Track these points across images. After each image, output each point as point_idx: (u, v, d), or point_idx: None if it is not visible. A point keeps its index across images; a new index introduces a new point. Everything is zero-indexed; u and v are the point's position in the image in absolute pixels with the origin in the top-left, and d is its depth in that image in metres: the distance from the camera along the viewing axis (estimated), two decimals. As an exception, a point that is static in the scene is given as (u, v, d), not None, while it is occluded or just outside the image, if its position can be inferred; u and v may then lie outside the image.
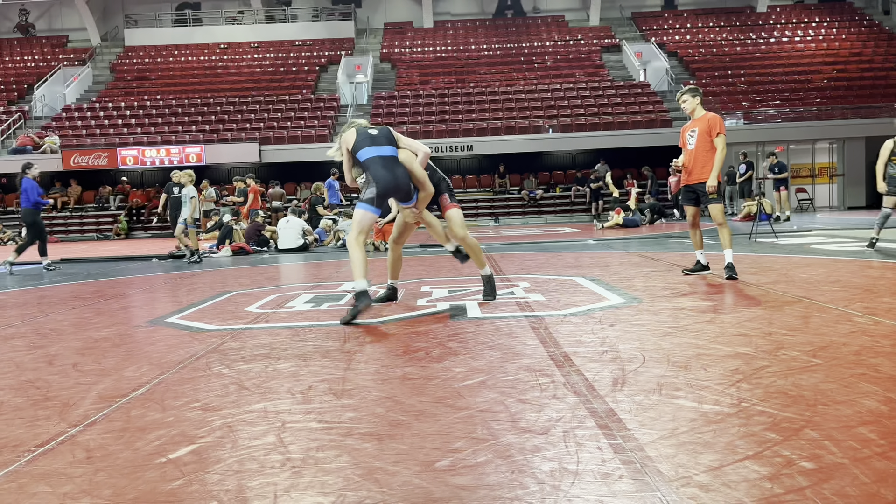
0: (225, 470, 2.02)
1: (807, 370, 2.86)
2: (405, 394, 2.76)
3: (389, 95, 25.49)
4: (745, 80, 25.41)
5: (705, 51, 27.87)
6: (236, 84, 26.87)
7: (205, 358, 3.57)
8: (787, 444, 2.06)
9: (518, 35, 29.92)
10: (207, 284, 7.43)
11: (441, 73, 27.25)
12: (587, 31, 30.08)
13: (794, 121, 22.68)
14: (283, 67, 28.15)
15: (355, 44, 29.84)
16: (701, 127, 6.06)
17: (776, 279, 5.73)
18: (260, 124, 23.70)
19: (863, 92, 24.10)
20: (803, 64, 26.50)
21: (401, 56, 28.76)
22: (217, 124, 23.83)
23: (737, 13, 30.66)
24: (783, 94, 24.32)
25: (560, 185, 23.50)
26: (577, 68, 27.05)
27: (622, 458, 2.01)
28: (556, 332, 3.86)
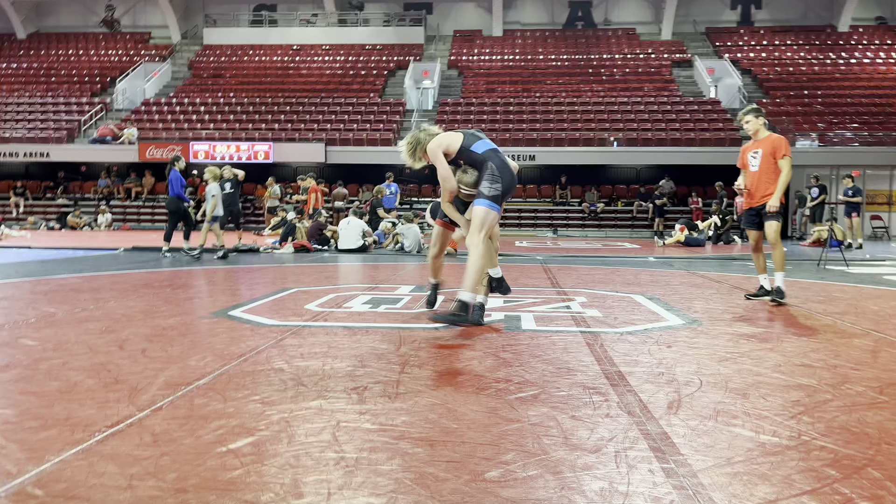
0: (282, 463, 2.09)
1: (873, 406, 2.76)
2: (457, 401, 2.79)
3: (455, 102, 25.64)
4: (821, 101, 24.58)
5: (781, 69, 27.09)
6: (306, 85, 27.48)
7: (265, 352, 3.68)
8: (848, 482, 2.00)
9: (587, 46, 29.69)
10: (269, 280, 7.63)
11: (507, 81, 27.27)
12: (658, 44, 29.63)
13: (871, 145, 21.82)
14: (353, 70, 28.64)
15: (424, 50, 30.13)
16: (765, 148, 5.89)
17: (844, 309, 5.54)
18: (327, 125, 24.18)
19: (948, 118, 23.00)
20: (884, 87, 25.47)
21: (468, 63, 28.91)
22: (286, 123, 24.42)
23: (816, 32, 29.70)
24: (862, 117, 23.42)
25: (622, 199, 23.19)
26: (646, 82, 26.67)
27: (674, 482, 1.99)
28: (612, 350, 3.83)
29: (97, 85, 28.13)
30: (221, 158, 22.97)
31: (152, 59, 29.78)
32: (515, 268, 9.23)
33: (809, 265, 10.27)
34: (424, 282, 7.39)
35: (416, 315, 5.07)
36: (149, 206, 23.57)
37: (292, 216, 13.32)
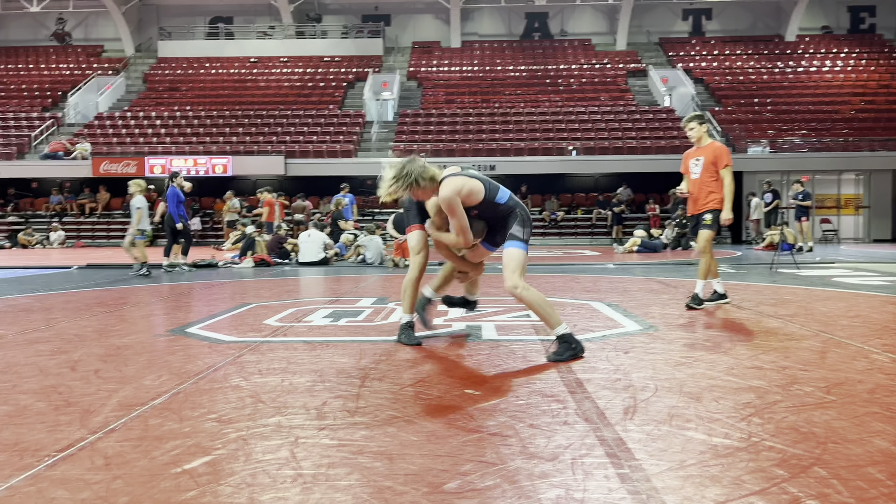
0: (238, 483, 2.07)
1: (820, 407, 2.85)
2: (417, 414, 2.79)
3: (415, 113, 25.71)
4: (771, 109, 25.30)
5: (732, 78, 27.81)
6: (265, 97, 27.28)
7: (223, 370, 3.64)
8: (795, 481, 2.06)
9: (545, 57, 30.08)
10: (228, 295, 7.53)
11: (467, 92, 27.45)
12: (613, 55, 30.17)
13: (820, 151, 22.52)
14: (311, 82, 28.53)
15: (383, 61, 30.17)
16: (707, 156, 6.02)
17: (795, 311, 5.70)
18: (286, 138, 24.02)
19: (890, 124, 23.86)
20: (831, 94, 26.33)
21: (427, 75, 29.03)
22: (244, 136, 24.19)
23: (765, 41, 30.59)
24: (810, 124, 24.16)
25: (582, 207, 23.49)
26: (602, 92, 27.12)
27: (629, 488, 2.02)
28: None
29: (48, 99, 27.51)
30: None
31: (105, 73, 29.23)
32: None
33: (762, 268, 10.54)
34: (386, 293, 7.38)
35: (377, 327, 5.06)
36: (104, 223, 23.07)
37: (251, 230, 13.18)
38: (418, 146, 23.31)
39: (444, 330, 4.91)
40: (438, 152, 23.05)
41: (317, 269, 11.36)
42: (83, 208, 23.46)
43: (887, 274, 9.45)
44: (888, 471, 2.14)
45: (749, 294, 7.04)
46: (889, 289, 7.50)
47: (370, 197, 23.81)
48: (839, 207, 23.35)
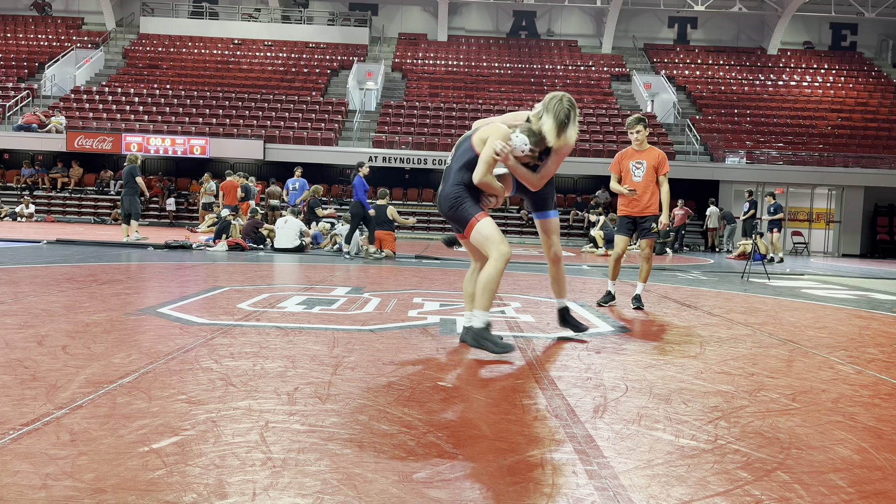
0: (206, 464, 2.06)
1: (785, 413, 2.90)
2: (389, 403, 2.79)
3: (398, 105, 25.63)
4: (750, 120, 25.64)
5: (713, 87, 28.13)
6: (247, 81, 27.00)
7: (194, 351, 3.60)
8: (758, 484, 2.10)
9: (530, 56, 30.15)
10: (201, 278, 7.45)
11: (451, 87, 27.42)
12: (599, 57, 30.34)
13: (795, 164, 22.89)
14: (295, 68, 28.29)
15: (368, 51, 30.02)
16: (649, 161, 6.12)
17: (764, 320, 5.79)
18: (267, 122, 23.80)
19: (865, 142, 24.33)
20: (809, 109, 26.76)
21: (412, 67, 28.94)
22: (224, 118, 23.93)
23: (747, 53, 30.98)
24: (786, 137, 24.54)
25: (560, 208, 23.59)
26: (585, 94, 27.26)
27: (596, 484, 2.05)
28: (543, 355, 3.91)
29: (24, 70, 26.96)
30: (156, 152, 22.33)
31: (84, 46, 28.71)
32: (453, 272, 9.29)
33: (734, 277, 10.69)
34: (361, 283, 7.37)
35: (351, 316, 5.05)
36: (75, 199, 22.68)
37: (226, 213, 13.05)
38: (400, 138, 23.26)
39: (420, 322, 4.91)
40: (420, 145, 23.03)
41: (292, 256, 11.29)
42: (55, 183, 23.05)
43: (854, 288, 9.64)
44: (849, 478, 2.18)
45: (720, 301, 7.14)
46: (855, 302, 7.66)
47: (348, 186, 23.72)
48: (811, 221, 23.77)
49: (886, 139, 24.52)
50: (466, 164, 3.87)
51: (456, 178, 3.88)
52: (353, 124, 24.51)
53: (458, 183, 3.86)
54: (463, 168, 3.87)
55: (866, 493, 2.07)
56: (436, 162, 22.63)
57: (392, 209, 11.82)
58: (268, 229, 13.07)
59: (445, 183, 3.97)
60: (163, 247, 11.60)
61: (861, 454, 2.43)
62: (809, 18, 31.39)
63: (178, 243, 11.94)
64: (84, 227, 18.89)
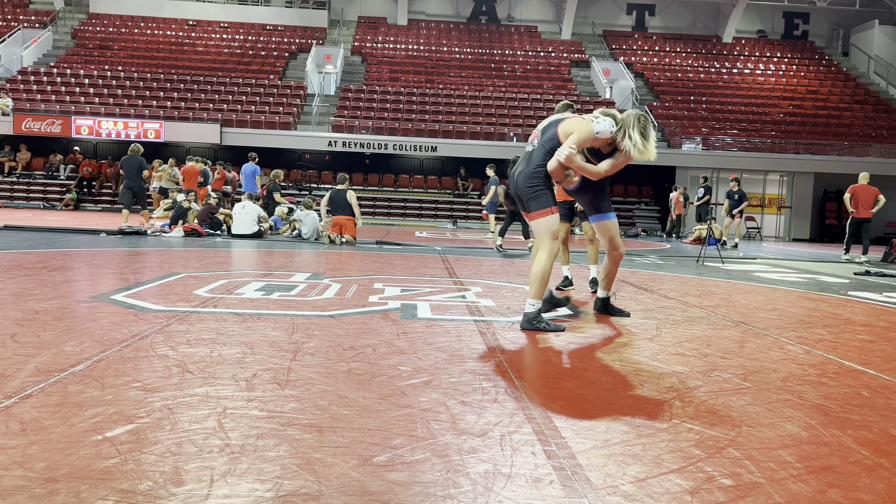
0: (162, 451, 2.03)
1: (737, 392, 2.98)
2: (349, 388, 2.79)
3: (358, 89, 25.39)
4: (705, 107, 26.08)
5: (671, 74, 28.50)
6: (202, 63, 26.40)
7: (149, 338, 3.53)
8: (711, 460, 2.16)
9: (490, 41, 30.12)
10: (156, 264, 7.31)
11: (411, 71, 27.25)
12: (558, 43, 30.46)
13: (748, 151, 23.39)
14: (252, 51, 27.77)
15: (327, 34, 29.62)
16: None
17: (718, 303, 5.93)
18: (223, 106, 23.35)
19: (815, 129, 24.97)
20: (762, 97, 27.32)
21: (372, 51, 28.67)
22: (179, 102, 23.39)
23: (703, 41, 31.44)
24: (741, 124, 25.04)
25: (520, 193, 23.71)
26: (545, 80, 27.37)
27: (554, 464, 2.08)
28: (503, 338, 3.94)
29: (-33, 49, 25.90)
30: (107, 135, 21.74)
31: (31, 25, 27.70)
32: (414, 257, 9.28)
33: (689, 261, 10.91)
34: (321, 269, 7.31)
35: (311, 302, 5.01)
36: (23, 183, 21.97)
37: (182, 198, 12.80)
38: (360, 122, 23.06)
39: (380, 307, 4.90)
40: (381, 130, 22.87)
41: (250, 242, 11.14)
42: (2, 167, 22.29)
43: (804, 271, 9.93)
44: (797, 454, 2.26)
45: (676, 285, 7.28)
46: (804, 285, 7.89)
47: (308, 171, 23.46)
48: (763, 206, 24.36)
49: (836, 127, 25.21)
50: (549, 151, 4.22)
51: (541, 161, 4.23)
52: (312, 108, 24.20)
53: (541, 165, 4.23)
54: (547, 154, 4.23)
55: (813, 468, 2.14)
56: (396, 147, 22.50)
57: (352, 194, 11.73)
58: (224, 214, 12.86)
59: (528, 163, 4.29)
60: (116, 233, 11.33)
61: (809, 431, 2.51)
62: (763, 7, 31.97)
63: (132, 229, 11.67)
64: (33, 212, 18.31)
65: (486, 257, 9.92)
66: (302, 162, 23.63)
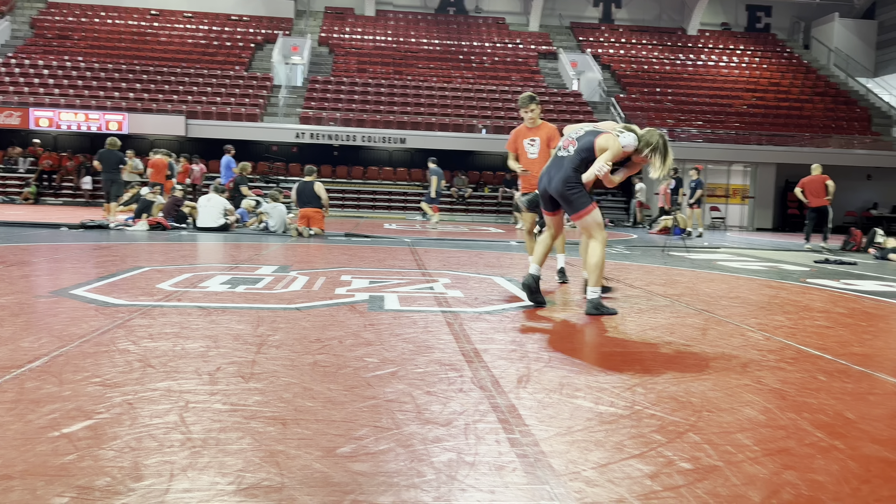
0: (121, 447, 2.00)
1: (698, 378, 3.04)
2: (314, 381, 2.77)
3: (325, 80, 25.17)
4: (671, 99, 26.37)
5: (637, 66, 28.75)
6: (166, 54, 25.93)
7: (110, 333, 3.48)
8: (671, 445, 2.19)
9: (459, 33, 30.06)
10: (119, 258, 7.18)
11: (379, 62, 27.09)
12: (526, 35, 30.52)
13: (713, 142, 23.72)
14: (217, 41, 27.35)
15: (294, 24, 29.29)
16: (542, 137, 6.26)
17: (682, 291, 6.02)
18: (188, 97, 22.96)
19: (777, 120, 25.41)
20: (726, 88, 27.72)
21: (340, 42, 28.43)
22: (142, 93, 22.95)
23: (669, 33, 31.77)
24: (705, 116, 25.38)
25: (489, 185, 23.79)
26: (513, 71, 27.42)
27: (518, 451, 2.09)
28: (470, 329, 3.95)
29: (-82, 38, 25.09)
30: (68, 127, 21.26)
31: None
32: (384, 249, 9.25)
33: (655, 251, 11.05)
34: (288, 262, 7.26)
35: (277, 295, 4.97)
36: (-19, 177, 21.39)
37: (146, 191, 12.58)
38: (328, 114, 22.88)
39: (348, 299, 4.88)
40: (349, 121, 22.72)
41: (216, 235, 11.00)
42: (-42, 160, 21.67)
43: (766, 260, 10.13)
44: (755, 437, 2.31)
45: (641, 274, 7.37)
46: (766, 273, 8.04)
47: (275, 163, 23.22)
48: (727, 196, 24.75)
49: (797, 118, 25.68)
50: (585, 161, 4.60)
51: (576, 166, 4.58)
52: (279, 100, 23.93)
53: (576, 170, 4.58)
54: (582, 162, 4.60)
55: (770, 450, 2.19)
56: (365, 139, 22.38)
57: (320, 186, 11.64)
58: (190, 207, 12.67)
59: (562, 169, 4.63)
60: (78, 227, 11.10)
61: (766, 415, 2.56)
62: (727, 0, 32.39)
63: (94, 223, 11.45)
64: (-9, 207, 17.85)
65: (454, 248, 9.93)
66: (269, 154, 23.38)
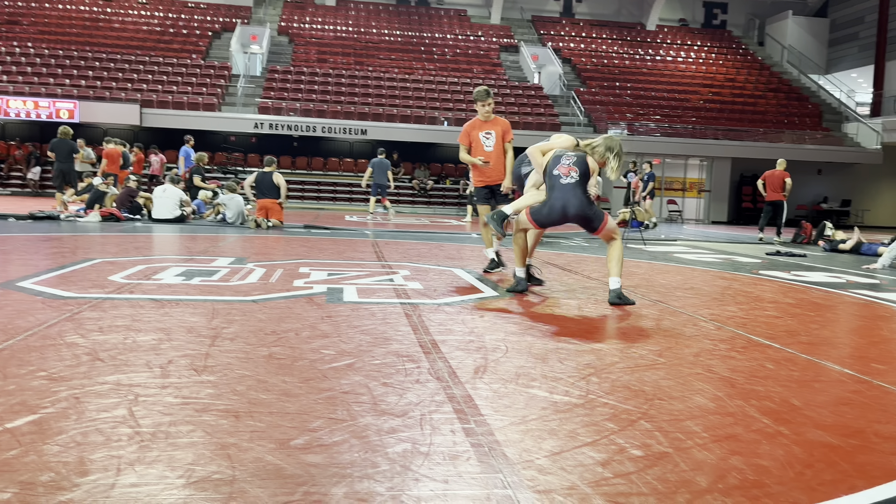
0: (67, 441, 1.95)
1: (651, 368, 3.09)
2: (269, 373, 2.74)
3: (285, 70, 24.83)
4: (630, 93, 26.69)
5: (597, 60, 29.02)
6: (119, 41, 25.26)
7: (58, 326, 3.38)
8: (623, 433, 2.23)
9: (420, 24, 29.94)
10: (69, 249, 6.99)
11: (340, 53, 26.83)
12: (488, 28, 30.55)
13: (671, 136, 24.10)
14: (173, 28, 26.75)
15: (252, 13, 28.80)
16: (497, 130, 6.38)
17: (638, 283, 6.11)
18: (143, 86, 22.43)
19: (733, 116, 25.93)
20: (683, 83, 28.17)
21: (300, 31, 28.07)
22: (94, 81, 22.33)
23: (628, 28, 32.12)
24: (663, 110, 25.76)
25: (451, 177, 23.79)
26: (475, 64, 27.43)
27: (472, 441, 2.10)
28: (429, 320, 3.95)
29: None
30: (16, 115, 20.58)
31: (-71, -4, 25.87)
32: (343, 242, 9.19)
33: (614, 243, 11.19)
34: (245, 254, 7.16)
35: (233, 287, 4.90)
36: (-76, 166, 20.59)
37: (98, 181, 12.27)
38: (287, 104, 22.59)
39: (305, 291, 4.83)
40: (309, 112, 22.47)
41: (172, 227, 10.79)
42: None
43: (720, 252, 10.35)
44: (704, 424, 2.36)
45: (599, 266, 7.46)
46: (720, 265, 8.22)
47: (233, 154, 22.86)
48: (684, 190, 25.20)
49: (751, 114, 26.25)
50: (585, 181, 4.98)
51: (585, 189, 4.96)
52: (238, 89, 23.53)
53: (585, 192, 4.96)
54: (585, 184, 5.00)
55: (718, 436, 2.24)
56: (326, 130, 22.16)
57: (279, 177, 11.50)
58: (144, 198, 12.40)
59: (577, 195, 4.88)
60: (27, 218, 10.78)
61: (716, 402, 2.62)
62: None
63: (44, 214, 11.13)
64: (-66, 197, 17.21)
65: (415, 241, 9.92)
66: (227, 144, 23.00)
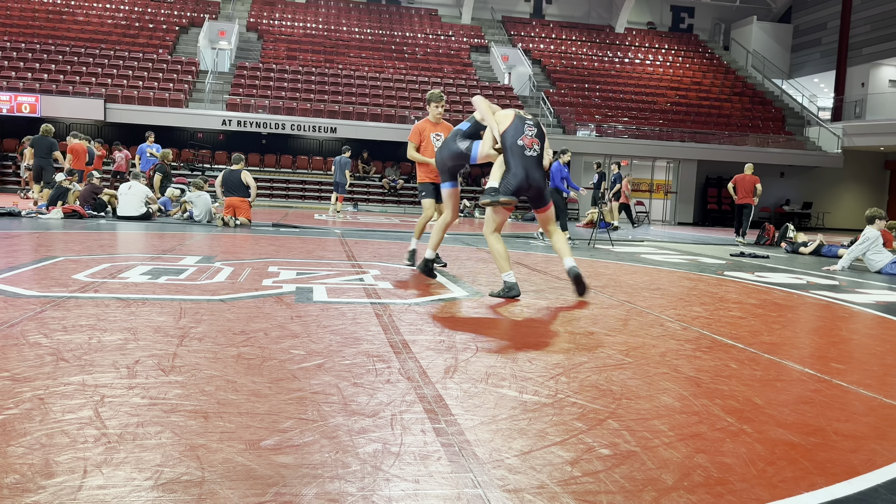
0: (31, 443, 1.92)
1: (619, 367, 3.14)
2: (238, 373, 2.72)
3: (253, 66, 24.58)
4: (599, 95, 26.97)
5: (566, 62, 29.26)
6: (83, 34, 24.76)
7: (20, 326, 3.32)
8: (591, 432, 2.26)
9: (391, 23, 29.87)
10: (31, 247, 6.85)
11: (310, 50, 26.65)
12: (458, 28, 30.60)
13: (638, 138, 24.41)
14: (139, 22, 26.30)
15: (221, 8, 28.45)
16: (445, 133, 6.55)
17: (605, 283, 6.19)
18: (107, 80, 22.01)
19: (699, 118, 26.36)
20: (651, 86, 28.54)
21: (269, 27, 27.81)
22: (57, 74, 21.85)
23: (597, 30, 32.45)
24: (631, 112, 26.07)
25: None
26: (445, 63, 27.46)
27: (443, 441, 2.12)
28: (399, 320, 3.96)
29: None
30: (-25, 108, 20.04)
31: None
32: (313, 240, 9.14)
33: (581, 244, 11.31)
34: (213, 252, 7.08)
35: (201, 286, 4.84)
36: None
37: (61, 177, 12.02)
38: (256, 101, 22.37)
39: (275, 290, 4.80)
40: (277, 109, 22.27)
41: (137, 225, 10.61)
42: None
43: (686, 253, 10.51)
44: (670, 423, 2.40)
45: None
46: (686, 266, 8.36)
47: (201, 151, 22.56)
48: (651, 191, 25.54)
49: (717, 117, 26.71)
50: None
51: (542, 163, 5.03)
52: (205, 86, 23.22)
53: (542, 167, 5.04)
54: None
55: (684, 435, 2.29)
56: (294, 127, 21.98)
57: (247, 175, 11.38)
58: (109, 195, 12.18)
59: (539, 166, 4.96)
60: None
61: (681, 401, 2.67)
62: (653, 0, 33.31)
63: (3, 210, 10.86)
64: None
65: (386, 240, 9.90)
66: (194, 141, 22.70)
